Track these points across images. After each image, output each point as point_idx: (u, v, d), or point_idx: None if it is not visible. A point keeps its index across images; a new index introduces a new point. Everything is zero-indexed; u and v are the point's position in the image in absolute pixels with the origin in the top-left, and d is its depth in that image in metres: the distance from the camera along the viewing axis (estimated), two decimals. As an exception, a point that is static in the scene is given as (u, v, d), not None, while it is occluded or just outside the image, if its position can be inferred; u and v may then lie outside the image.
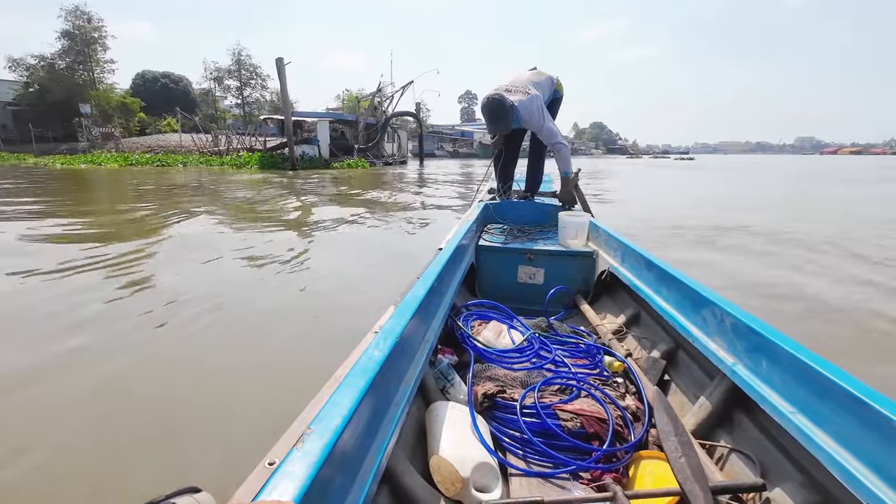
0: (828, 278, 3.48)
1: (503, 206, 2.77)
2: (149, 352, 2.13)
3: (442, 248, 1.61)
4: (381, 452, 0.73)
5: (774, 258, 4.12)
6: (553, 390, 1.21)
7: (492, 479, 0.93)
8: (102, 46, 32.39)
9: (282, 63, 16.47)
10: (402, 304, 1.02)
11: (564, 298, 2.04)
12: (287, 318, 2.59)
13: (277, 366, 2.02)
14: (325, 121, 21.75)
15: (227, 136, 24.30)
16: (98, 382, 1.85)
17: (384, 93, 24.41)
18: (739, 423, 1.07)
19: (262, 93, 39.48)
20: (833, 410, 0.77)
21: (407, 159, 28.56)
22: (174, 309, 2.62)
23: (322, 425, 0.57)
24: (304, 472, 0.50)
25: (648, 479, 0.97)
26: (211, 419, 1.63)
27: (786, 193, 11.47)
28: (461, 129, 50.43)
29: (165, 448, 1.47)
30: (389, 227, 5.66)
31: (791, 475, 0.88)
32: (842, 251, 4.39)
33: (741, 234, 5.26)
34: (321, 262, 3.87)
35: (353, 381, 0.68)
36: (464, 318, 1.57)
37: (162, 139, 28.27)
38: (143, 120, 33.42)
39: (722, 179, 16.91)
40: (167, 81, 38.44)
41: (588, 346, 1.53)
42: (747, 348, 1.01)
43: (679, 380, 1.37)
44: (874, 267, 3.83)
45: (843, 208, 8.22)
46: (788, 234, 5.26)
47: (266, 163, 18.82)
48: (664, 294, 1.46)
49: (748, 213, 6.97)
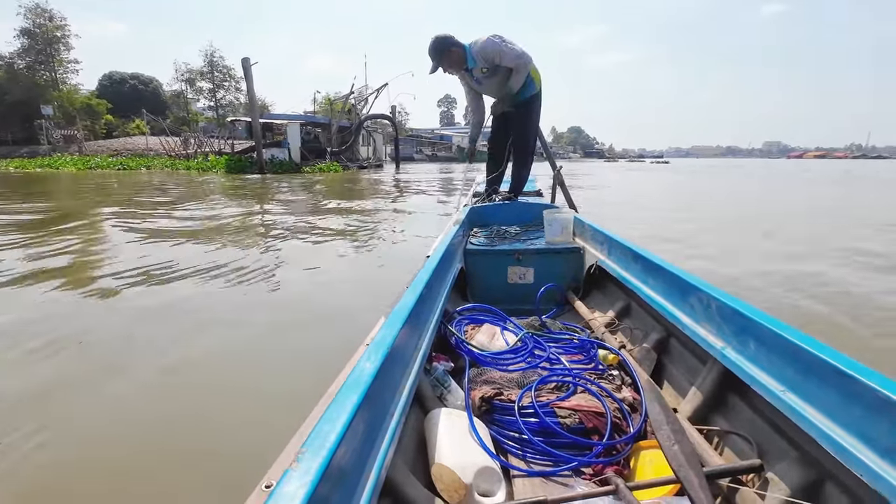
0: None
1: (488, 209, 2.79)
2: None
3: (430, 256, 1.61)
4: (379, 465, 0.72)
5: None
6: (550, 388, 1.22)
7: (494, 482, 0.93)
8: (66, 46, 31.61)
9: (248, 63, 16.19)
10: (391, 314, 1.02)
11: (556, 296, 2.06)
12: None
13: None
14: (295, 123, 21.03)
15: (196, 139, 23.84)
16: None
17: (361, 94, 24.03)
18: (734, 405, 1.09)
19: (235, 95, 38.75)
20: (820, 386, 0.78)
21: (383, 163, 27.98)
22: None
23: (317, 443, 0.57)
24: (300, 492, 0.50)
25: (649, 469, 0.98)
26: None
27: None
28: (440, 133, 50.50)
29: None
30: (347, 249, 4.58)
31: (787, 453, 0.89)
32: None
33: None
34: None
35: (346, 395, 0.68)
36: (456, 324, 1.57)
37: (130, 142, 27.66)
38: (111, 122, 32.51)
39: (678, 181, 18.52)
40: (136, 83, 37.51)
41: (582, 342, 1.54)
42: (734, 331, 1.03)
43: (673, 367, 1.39)
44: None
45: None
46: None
47: (233, 166, 18.33)
48: (652, 284, 1.47)
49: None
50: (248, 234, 5.35)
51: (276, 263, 3.86)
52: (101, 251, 4.36)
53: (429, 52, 2.77)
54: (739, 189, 14.23)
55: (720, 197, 11.55)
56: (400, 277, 1.67)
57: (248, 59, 16.27)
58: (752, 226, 6.37)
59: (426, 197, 10.11)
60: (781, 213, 8.29)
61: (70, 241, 4.66)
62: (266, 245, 4.62)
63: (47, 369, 2.01)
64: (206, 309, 2.79)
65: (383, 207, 7.93)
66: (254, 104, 17.45)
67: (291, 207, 7.75)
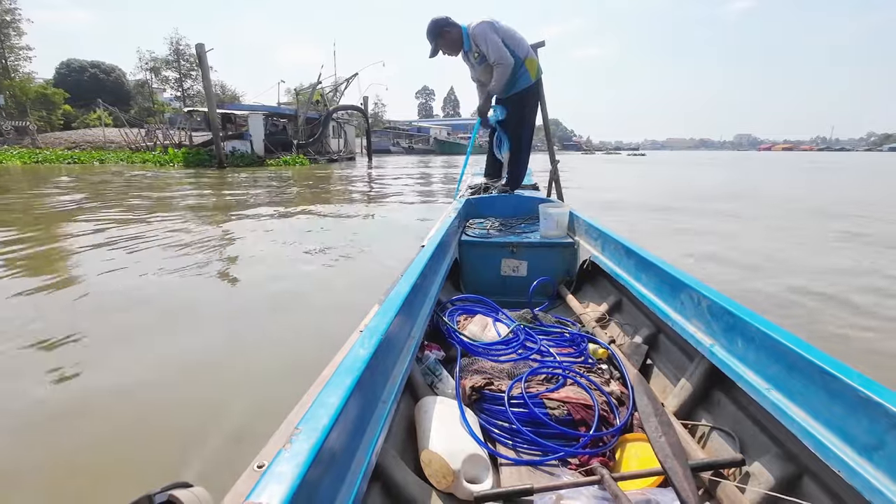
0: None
1: (485, 201, 2.79)
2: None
3: (424, 245, 1.61)
4: (370, 450, 0.73)
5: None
6: (539, 380, 1.23)
7: (482, 469, 0.95)
8: (17, 31, 29.82)
9: (202, 49, 15.54)
10: (385, 301, 1.03)
11: (548, 289, 2.07)
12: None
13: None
14: (258, 114, 19.74)
15: (161, 131, 22.86)
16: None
17: (336, 84, 22.99)
18: (718, 401, 1.11)
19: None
20: (804, 385, 0.80)
21: (355, 156, 26.49)
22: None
23: (309, 426, 0.57)
24: (292, 473, 0.50)
25: (634, 461, 1.00)
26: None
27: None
28: (418, 125, 49.47)
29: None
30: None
31: (768, 448, 0.92)
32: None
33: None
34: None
35: (340, 380, 0.69)
36: (449, 314, 1.58)
37: (88, 134, 26.40)
38: (69, 113, 30.94)
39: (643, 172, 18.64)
40: (97, 71, 35.85)
41: (572, 335, 1.56)
42: (723, 329, 1.05)
43: (661, 363, 1.41)
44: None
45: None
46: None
47: (191, 159, 17.23)
48: (644, 280, 1.49)
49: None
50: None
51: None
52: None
53: (426, 35, 2.74)
54: (784, 182, 13.50)
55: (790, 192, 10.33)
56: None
57: (203, 46, 15.59)
58: (843, 218, 6.11)
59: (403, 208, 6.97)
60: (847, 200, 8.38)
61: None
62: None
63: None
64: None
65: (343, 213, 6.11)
66: (209, 94, 16.49)
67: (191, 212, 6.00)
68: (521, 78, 2.81)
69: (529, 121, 3.02)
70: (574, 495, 0.85)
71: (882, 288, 3.05)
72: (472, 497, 0.88)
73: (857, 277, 3.30)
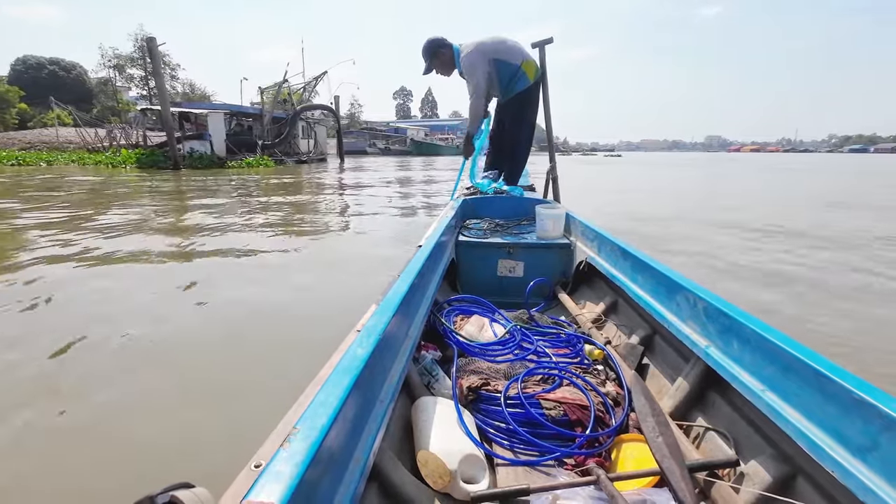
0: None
1: (481, 202, 2.79)
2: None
3: (421, 245, 1.61)
4: (367, 450, 0.73)
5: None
6: (536, 380, 1.24)
7: (479, 470, 0.95)
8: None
9: (154, 43, 15.23)
10: (383, 301, 1.02)
11: (544, 290, 2.08)
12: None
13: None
14: (218, 113, 18.65)
15: (120, 131, 21.99)
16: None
17: (304, 82, 22.11)
18: (714, 402, 1.11)
19: (171, 83, 35.56)
20: (798, 386, 0.81)
21: (326, 157, 25.28)
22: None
23: (307, 425, 0.57)
24: (290, 472, 0.50)
25: (630, 461, 1.00)
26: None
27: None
28: (395, 126, 48.84)
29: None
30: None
31: (762, 449, 0.92)
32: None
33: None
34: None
35: (338, 379, 0.68)
36: (446, 314, 1.58)
37: (45, 133, 25.35)
38: (25, 112, 29.63)
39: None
40: (56, 69, 34.34)
41: (568, 336, 1.56)
42: (719, 330, 1.05)
43: (656, 364, 1.42)
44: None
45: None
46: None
47: (145, 161, 16.48)
48: (640, 282, 1.50)
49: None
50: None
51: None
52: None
53: (422, 54, 2.91)
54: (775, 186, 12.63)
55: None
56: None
57: (155, 40, 15.31)
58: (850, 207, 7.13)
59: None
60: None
61: None
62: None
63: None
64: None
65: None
66: (162, 91, 15.87)
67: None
68: (519, 81, 2.89)
69: (529, 120, 3.07)
70: (570, 495, 0.85)
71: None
72: (469, 497, 0.88)
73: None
